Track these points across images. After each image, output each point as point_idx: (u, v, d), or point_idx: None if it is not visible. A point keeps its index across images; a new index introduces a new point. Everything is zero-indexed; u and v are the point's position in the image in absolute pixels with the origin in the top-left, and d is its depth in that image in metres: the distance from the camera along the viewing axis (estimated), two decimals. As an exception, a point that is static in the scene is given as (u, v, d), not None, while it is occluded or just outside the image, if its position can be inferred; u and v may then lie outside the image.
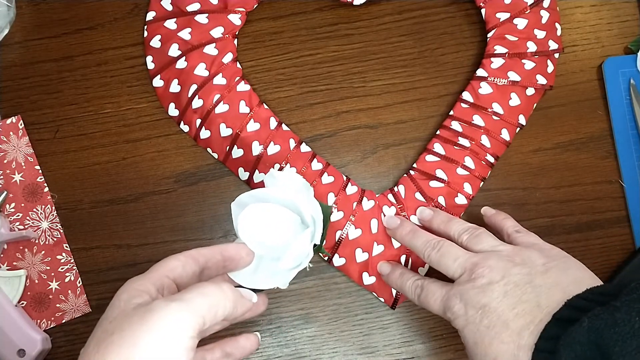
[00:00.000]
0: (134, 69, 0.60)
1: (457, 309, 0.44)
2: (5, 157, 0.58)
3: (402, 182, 0.57)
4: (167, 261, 0.41)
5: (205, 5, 0.58)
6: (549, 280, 0.42)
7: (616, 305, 0.37)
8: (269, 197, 0.46)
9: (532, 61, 0.57)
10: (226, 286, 0.39)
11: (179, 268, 0.41)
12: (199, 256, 0.42)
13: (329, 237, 0.55)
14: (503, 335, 0.41)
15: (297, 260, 0.46)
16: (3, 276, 0.56)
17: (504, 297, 0.42)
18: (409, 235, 0.52)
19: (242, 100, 0.56)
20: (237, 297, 0.39)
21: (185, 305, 0.36)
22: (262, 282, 0.46)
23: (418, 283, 0.49)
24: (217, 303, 0.38)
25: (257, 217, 0.46)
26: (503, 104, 0.56)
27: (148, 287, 0.39)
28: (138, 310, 0.36)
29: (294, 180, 0.48)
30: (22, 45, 0.61)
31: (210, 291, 0.37)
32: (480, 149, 0.56)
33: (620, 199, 0.59)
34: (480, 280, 0.44)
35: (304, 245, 0.45)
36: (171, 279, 0.40)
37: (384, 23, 0.61)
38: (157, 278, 0.40)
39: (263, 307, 0.48)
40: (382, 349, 0.57)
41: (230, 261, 0.44)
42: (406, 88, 0.60)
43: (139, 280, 0.39)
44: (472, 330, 0.43)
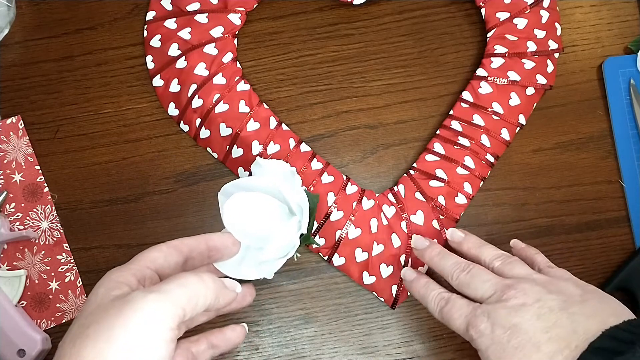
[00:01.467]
0: (134, 69, 0.60)
1: (483, 327, 0.43)
2: (5, 157, 0.58)
3: (402, 181, 0.57)
4: (148, 251, 0.40)
5: (205, 5, 0.58)
6: (586, 310, 0.41)
7: None
8: (255, 186, 0.45)
9: (532, 61, 0.57)
10: (207, 276, 0.38)
11: (161, 258, 0.40)
12: (182, 246, 0.42)
13: (329, 236, 0.55)
14: (534, 357, 0.40)
15: (284, 250, 0.45)
16: (3, 276, 0.56)
17: (537, 320, 0.41)
18: (438, 257, 0.50)
19: (242, 100, 0.56)
20: (219, 288, 0.39)
21: (164, 296, 0.35)
22: (248, 273, 0.45)
23: (444, 296, 0.47)
24: (198, 293, 0.37)
25: (243, 206, 0.45)
26: (503, 103, 0.56)
27: (128, 278, 0.38)
28: (115, 302, 0.35)
29: (281, 169, 0.47)
30: (22, 45, 0.61)
31: (190, 281, 0.37)
32: (480, 149, 0.56)
33: (620, 199, 0.59)
34: (512, 300, 0.42)
35: (290, 235, 0.45)
36: (153, 270, 0.40)
37: (384, 23, 0.61)
38: (137, 269, 0.39)
39: (250, 298, 0.47)
40: (382, 349, 0.57)
41: (216, 251, 0.43)
42: (406, 88, 0.60)
43: (118, 272, 0.38)
44: (498, 350, 0.41)
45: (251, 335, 0.57)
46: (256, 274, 0.45)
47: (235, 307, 0.46)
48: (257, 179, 0.46)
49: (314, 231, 0.55)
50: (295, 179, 0.47)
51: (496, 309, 0.43)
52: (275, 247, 0.45)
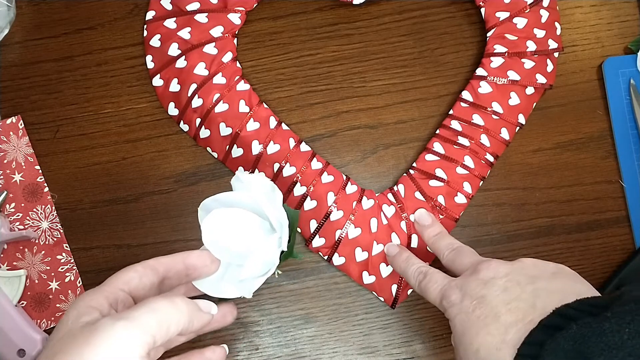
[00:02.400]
0: (134, 69, 0.60)
1: (454, 298, 0.44)
2: (5, 157, 0.58)
3: (402, 181, 0.57)
4: (122, 273, 0.39)
5: (205, 5, 0.58)
6: (551, 286, 0.42)
7: (606, 316, 0.35)
8: (234, 201, 0.44)
9: (532, 60, 0.57)
10: (179, 300, 0.37)
11: (136, 279, 0.39)
12: (158, 266, 0.41)
13: (329, 235, 0.55)
14: (491, 327, 0.40)
15: (264, 268, 0.44)
16: (3, 276, 0.56)
17: (502, 292, 0.42)
18: (436, 237, 0.53)
19: (241, 100, 0.56)
20: (192, 311, 0.37)
21: (132, 323, 0.34)
22: (228, 291, 0.44)
23: (422, 269, 0.49)
24: (169, 319, 0.36)
25: (222, 222, 0.44)
26: (503, 103, 0.56)
27: (100, 302, 0.37)
28: (84, 330, 0.34)
29: (261, 184, 0.46)
30: (22, 45, 0.61)
31: (160, 306, 0.35)
32: (479, 148, 0.56)
33: (620, 199, 0.59)
34: (484, 273, 0.44)
35: (270, 252, 0.44)
36: (127, 292, 0.39)
37: (384, 23, 0.61)
38: (110, 292, 0.38)
39: (231, 317, 0.46)
40: (382, 349, 0.57)
41: (194, 270, 0.42)
42: (406, 88, 0.60)
43: (90, 296, 0.37)
44: (463, 319, 0.42)
45: (251, 335, 0.57)
46: (236, 292, 0.44)
47: (216, 326, 0.46)
48: (237, 194, 0.45)
49: (313, 231, 0.55)
50: (275, 194, 0.46)
51: (469, 282, 0.44)
52: (255, 265, 0.43)
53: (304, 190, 0.55)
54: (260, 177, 0.46)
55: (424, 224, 0.54)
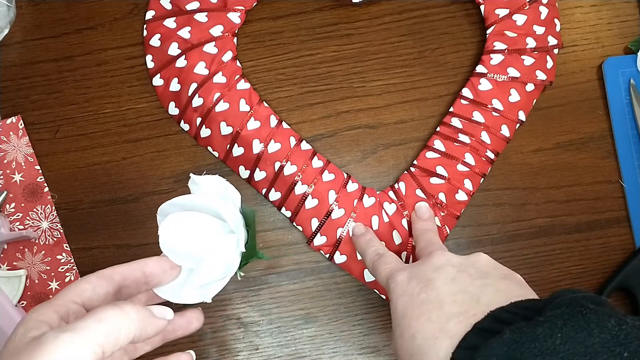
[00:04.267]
0: (134, 69, 0.60)
1: (400, 278, 0.43)
2: (5, 157, 0.58)
3: (403, 179, 0.57)
4: (75, 284, 0.38)
5: (205, 4, 0.58)
6: (500, 285, 0.41)
7: (539, 320, 0.35)
8: (192, 204, 0.43)
9: (532, 57, 0.57)
10: (129, 307, 0.35)
11: (89, 291, 0.38)
12: (114, 275, 0.39)
13: (330, 234, 0.55)
14: (433, 313, 0.40)
15: (223, 271, 0.43)
16: (3, 276, 0.56)
17: (451, 281, 0.41)
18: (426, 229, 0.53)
19: (242, 99, 0.56)
20: (144, 318, 0.36)
21: (77, 334, 0.32)
22: (189, 297, 0.43)
23: (380, 251, 0.49)
24: (118, 327, 0.34)
25: (179, 226, 0.42)
26: (503, 100, 0.56)
27: (50, 316, 0.35)
28: (30, 345, 0.32)
29: (217, 185, 0.45)
30: (22, 45, 0.61)
31: (107, 316, 0.34)
32: (480, 145, 0.56)
33: (620, 199, 0.59)
34: (437, 259, 0.43)
35: (227, 254, 0.43)
36: (79, 304, 0.37)
37: (384, 23, 0.61)
38: (61, 305, 0.36)
39: (197, 323, 0.45)
40: (382, 349, 0.57)
41: (153, 277, 0.41)
42: (406, 88, 0.60)
43: (40, 310, 0.36)
44: (406, 301, 0.42)
45: (251, 335, 0.57)
46: (197, 298, 0.43)
47: (181, 334, 0.44)
48: (193, 196, 0.43)
49: (315, 229, 0.55)
50: (230, 194, 0.45)
51: (420, 264, 0.44)
52: (213, 268, 0.42)
53: (305, 189, 0.55)
54: (213, 179, 0.45)
55: (421, 217, 0.54)
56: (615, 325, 0.33)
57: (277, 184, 0.56)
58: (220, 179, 0.45)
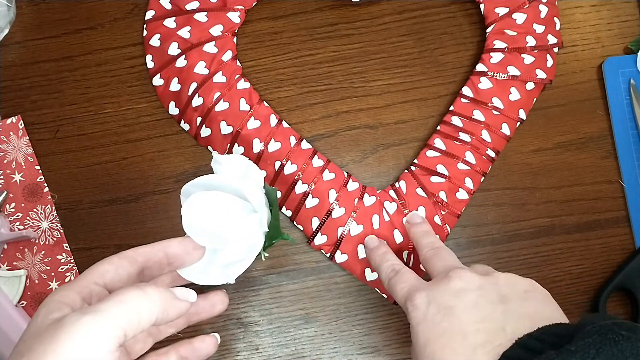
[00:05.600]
0: (134, 69, 0.60)
1: (419, 301, 0.42)
2: (5, 157, 0.58)
3: (403, 177, 0.57)
4: (97, 265, 0.38)
5: (205, 4, 0.58)
6: (522, 309, 0.40)
7: (570, 350, 0.34)
8: (214, 184, 0.43)
9: (532, 55, 0.57)
10: (151, 289, 0.35)
11: (111, 272, 0.38)
12: (136, 256, 0.39)
13: (331, 233, 0.55)
14: (457, 344, 0.38)
15: (247, 250, 0.42)
16: (3, 276, 0.56)
17: (472, 308, 0.40)
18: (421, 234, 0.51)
19: (242, 98, 0.56)
20: (166, 300, 0.36)
21: (99, 316, 0.32)
22: (213, 278, 0.42)
23: (396, 267, 0.47)
24: (139, 310, 0.34)
25: (201, 206, 0.42)
26: (503, 98, 0.56)
27: (72, 297, 0.35)
28: (50, 327, 0.32)
29: (240, 164, 0.44)
30: (22, 45, 0.61)
31: (129, 297, 0.34)
32: (480, 144, 0.56)
33: (620, 199, 0.59)
34: (456, 282, 0.42)
35: (251, 233, 0.42)
36: (102, 285, 0.37)
37: (384, 23, 0.61)
38: (84, 286, 0.36)
39: (221, 306, 0.45)
40: (382, 349, 0.57)
41: (176, 258, 0.41)
42: (406, 88, 0.60)
43: (62, 292, 0.35)
44: (428, 329, 0.40)
45: (251, 335, 0.57)
46: (221, 279, 0.42)
47: (204, 316, 0.44)
48: (216, 176, 0.43)
49: (315, 229, 0.55)
50: (252, 172, 0.44)
51: (438, 287, 0.42)
52: (236, 247, 0.42)
53: (306, 188, 0.55)
54: (235, 157, 0.44)
55: (414, 222, 0.53)
56: None
57: (278, 183, 0.56)
58: (243, 158, 0.44)
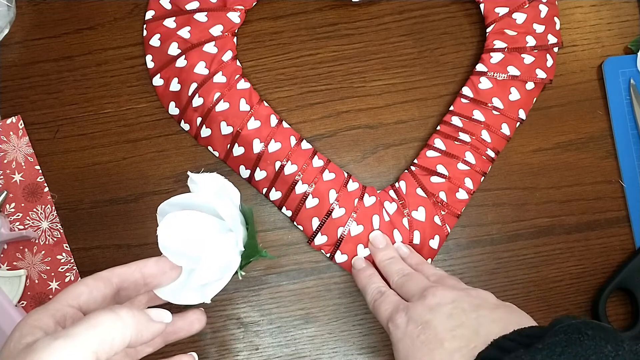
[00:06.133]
0: (134, 69, 0.60)
1: (400, 321, 0.44)
2: (5, 157, 0.58)
3: (403, 177, 0.57)
4: (71, 287, 0.37)
5: (205, 4, 0.58)
6: (494, 315, 0.42)
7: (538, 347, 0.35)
8: (190, 203, 0.43)
9: (532, 55, 0.57)
10: (124, 311, 0.35)
11: (85, 294, 0.37)
12: (111, 277, 0.39)
13: (331, 233, 0.55)
14: (435, 352, 0.41)
15: (223, 270, 0.42)
16: (3, 276, 0.56)
17: (447, 319, 0.42)
18: (388, 260, 0.53)
19: (242, 98, 0.56)
20: (140, 322, 0.35)
21: (70, 340, 0.32)
22: (189, 297, 0.42)
23: (381, 289, 0.50)
24: (112, 333, 0.33)
25: (177, 226, 0.41)
26: (503, 98, 0.56)
27: (45, 321, 0.34)
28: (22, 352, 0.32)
29: (216, 183, 0.44)
30: (22, 45, 0.61)
31: (101, 321, 0.33)
32: (480, 144, 0.56)
33: (620, 199, 0.59)
34: (431, 299, 0.44)
35: (226, 253, 0.42)
36: (76, 307, 0.36)
37: (384, 23, 0.61)
38: (57, 309, 0.36)
39: (199, 324, 0.44)
40: (382, 349, 0.57)
41: (152, 278, 0.41)
42: (406, 88, 0.60)
43: (35, 314, 0.35)
44: (407, 344, 0.43)
45: (251, 335, 0.57)
46: (198, 299, 0.42)
47: (182, 335, 0.44)
48: (191, 195, 0.43)
49: (316, 229, 0.55)
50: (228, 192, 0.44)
51: (415, 306, 0.45)
52: (210, 267, 0.42)
53: (306, 188, 0.55)
54: (211, 176, 0.44)
55: (378, 246, 0.54)
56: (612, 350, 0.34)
57: (278, 184, 0.56)
58: (218, 177, 0.44)
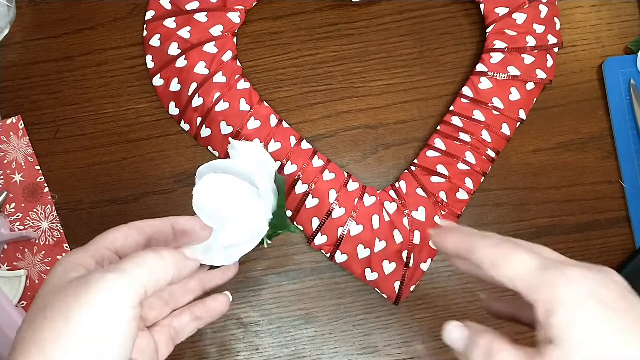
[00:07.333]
0: (134, 69, 0.60)
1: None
2: (5, 157, 0.58)
3: (403, 177, 0.57)
4: (108, 233, 0.39)
5: (205, 4, 0.58)
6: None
7: None
8: (228, 167, 0.44)
9: (532, 55, 0.57)
10: (165, 251, 0.37)
11: (121, 239, 0.39)
12: (145, 227, 0.40)
13: (331, 233, 0.55)
14: None
15: (250, 234, 0.44)
16: (3, 276, 0.56)
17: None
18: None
19: (242, 98, 0.56)
20: (178, 260, 0.38)
21: (122, 274, 0.34)
22: (215, 259, 0.43)
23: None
24: (157, 269, 0.36)
25: (212, 188, 0.43)
26: (503, 98, 0.56)
27: (85, 260, 0.36)
28: (73, 284, 0.34)
29: (255, 151, 0.46)
30: (22, 45, 0.61)
31: (147, 258, 0.36)
32: (480, 144, 0.56)
33: (620, 199, 0.59)
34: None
35: (255, 218, 0.43)
36: (112, 251, 0.38)
37: (384, 23, 0.61)
38: (96, 250, 0.37)
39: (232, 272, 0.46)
40: (382, 349, 0.57)
41: (183, 235, 0.42)
42: (406, 88, 0.60)
43: (76, 254, 0.37)
44: None
45: (251, 335, 0.57)
46: (223, 260, 0.44)
47: (218, 281, 0.46)
48: (231, 161, 0.44)
49: (315, 229, 0.55)
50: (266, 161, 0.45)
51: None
52: (238, 230, 0.43)
53: (306, 188, 0.55)
54: (251, 144, 0.46)
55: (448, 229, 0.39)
56: None
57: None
58: (258, 146, 0.45)
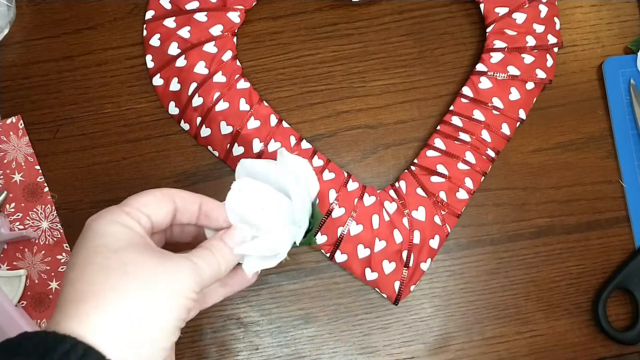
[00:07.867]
0: (134, 68, 0.60)
1: None
2: (5, 157, 0.58)
3: (403, 177, 0.57)
4: (140, 195, 0.38)
5: (204, 4, 0.58)
6: None
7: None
8: (269, 177, 0.43)
9: (532, 55, 0.57)
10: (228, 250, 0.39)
11: (152, 204, 0.38)
12: (176, 198, 0.40)
13: (331, 233, 0.55)
14: None
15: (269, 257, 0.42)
16: (3, 276, 0.56)
17: None
18: None
19: (242, 98, 0.56)
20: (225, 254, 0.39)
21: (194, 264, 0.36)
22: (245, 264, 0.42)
23: None
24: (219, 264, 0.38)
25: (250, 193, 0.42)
26: (503, 98, 0.56)
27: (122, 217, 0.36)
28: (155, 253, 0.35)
29: (302, 169, 0.44)
30: (22, 45, 0.61)
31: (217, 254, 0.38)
32: (480, 144, 0.56)
33: (620, 199, 0.59)
34: None
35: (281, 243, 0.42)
36: (146, 215, 0.38)
37: (384, 23, 0.61)
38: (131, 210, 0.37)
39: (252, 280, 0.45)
40: (382, 349, 0.57)
41: (206, 217, 0.41)
42: (406, 88, 0.60)
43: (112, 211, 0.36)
44: None
45: (251, 335, 0.57)
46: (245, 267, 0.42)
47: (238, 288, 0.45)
48: (275, 170, 0.43)
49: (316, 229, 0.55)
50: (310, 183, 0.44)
51: None
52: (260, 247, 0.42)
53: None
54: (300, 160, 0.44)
55: None
56: None
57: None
58: (307, 164, 0.44)
